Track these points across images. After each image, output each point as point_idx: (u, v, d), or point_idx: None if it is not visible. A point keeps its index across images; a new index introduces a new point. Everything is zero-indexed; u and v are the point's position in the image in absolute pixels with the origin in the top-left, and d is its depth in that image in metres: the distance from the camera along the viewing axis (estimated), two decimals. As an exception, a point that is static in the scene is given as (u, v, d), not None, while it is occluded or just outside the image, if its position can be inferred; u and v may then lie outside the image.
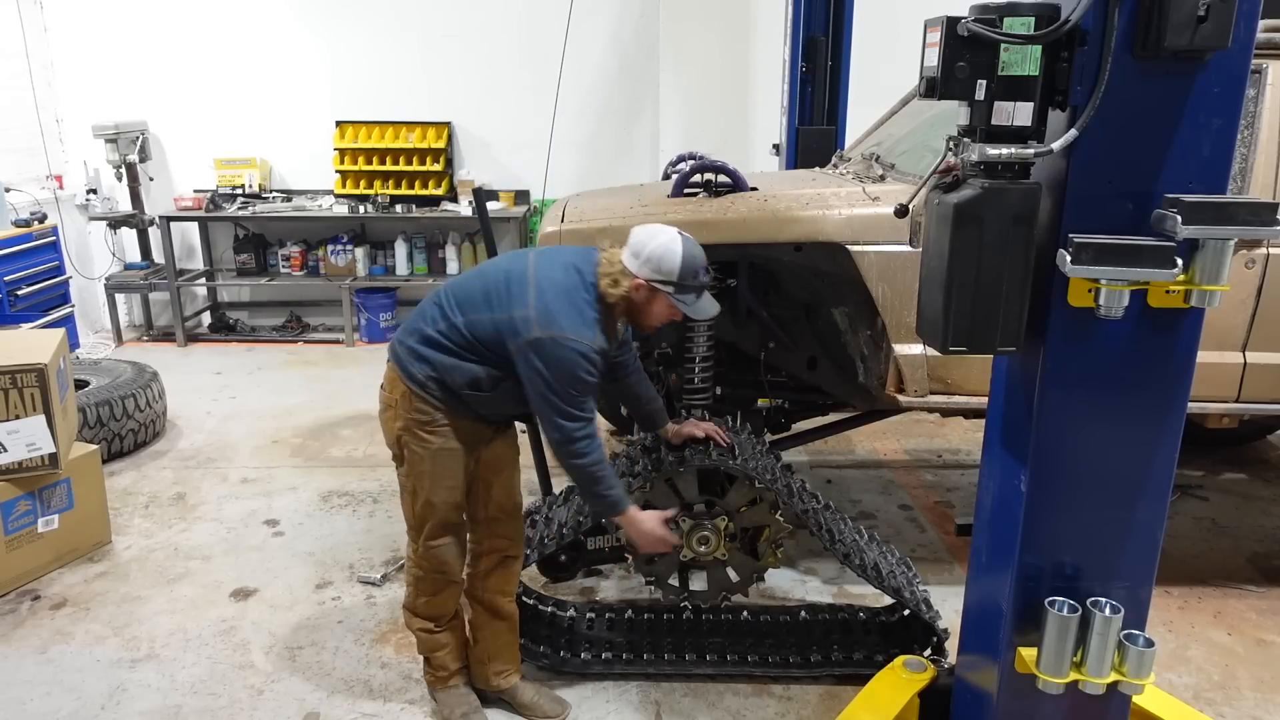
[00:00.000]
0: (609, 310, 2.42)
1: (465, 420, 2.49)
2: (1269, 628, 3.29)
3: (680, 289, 2.39)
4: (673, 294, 2.39)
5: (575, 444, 2.38)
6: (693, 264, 2.38)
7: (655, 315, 2.47)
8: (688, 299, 2.42)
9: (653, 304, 2.43)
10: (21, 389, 3.42)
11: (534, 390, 2.35)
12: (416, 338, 2.46)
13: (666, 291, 2.39)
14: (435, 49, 6.92)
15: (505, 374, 2.41)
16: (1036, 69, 1.75)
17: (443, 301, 2.47)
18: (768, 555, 2.98)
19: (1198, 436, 4.45)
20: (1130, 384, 1.91)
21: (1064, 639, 1.97)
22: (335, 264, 7.08)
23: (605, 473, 2.46)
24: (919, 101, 3.30)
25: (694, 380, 3.33)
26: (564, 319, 2.31)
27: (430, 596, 2.65)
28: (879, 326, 3.13)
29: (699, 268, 2.40)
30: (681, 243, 2.38)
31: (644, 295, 2.40)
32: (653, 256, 2.36)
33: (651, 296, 2.41)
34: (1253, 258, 2.97)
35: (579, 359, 2.30)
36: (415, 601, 2.68)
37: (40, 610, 3.36)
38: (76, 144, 6.91)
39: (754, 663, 2.95)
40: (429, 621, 2.69)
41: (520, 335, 2.32)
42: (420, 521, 2.56)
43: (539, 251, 2.53)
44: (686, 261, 2.36)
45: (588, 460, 2.41)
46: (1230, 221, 1.72)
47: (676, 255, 2.36)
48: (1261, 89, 2.94)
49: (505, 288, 2.38)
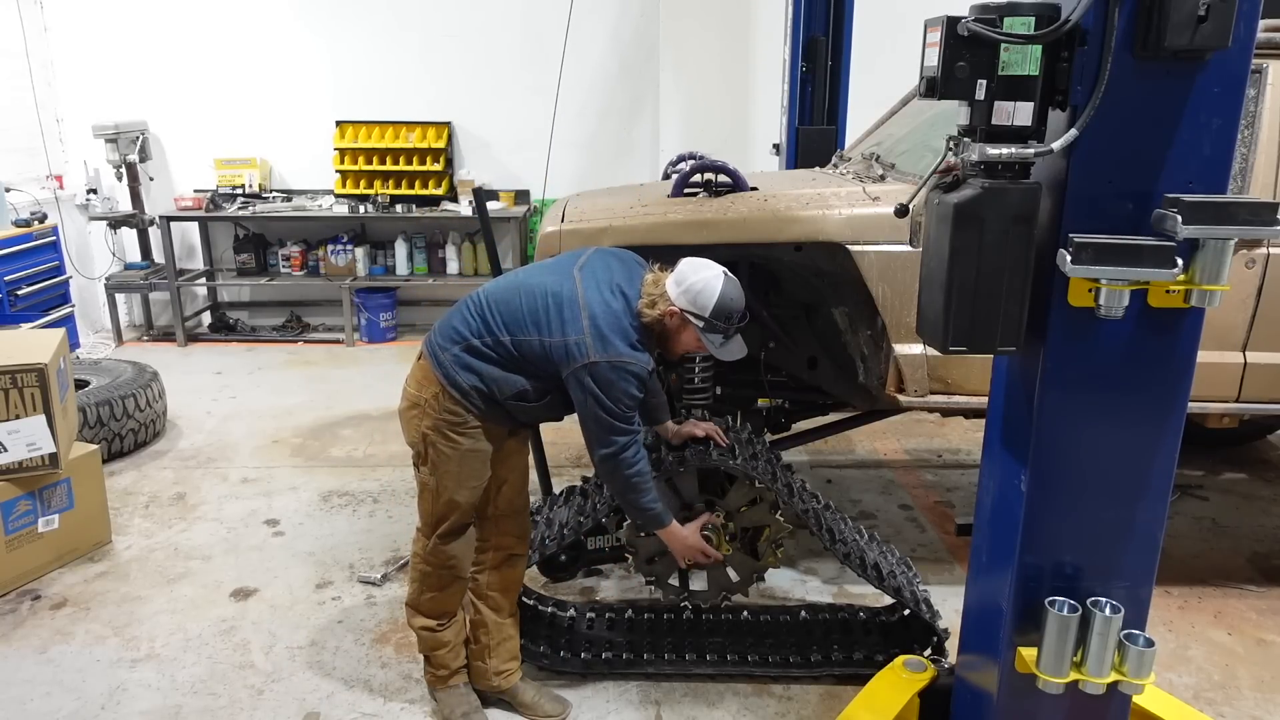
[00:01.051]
0: (647, 330, 2.48)
1: (496, 424, 2.53)
2: (1269, 627, 3.29)
3: (710, 326, 2.44)
4: (702, 329, 2.44)
5: (624, 453, 2.45)
6: (728, 306, 2.43)
7: (683, 344, 2.52)
8: (715, 338, 2.47)
9: (682, 333, 2.49)
10: (22, 389, 3.42)
11: (586, 410, 2.41)
12: (461, 346, 2.47)
13: (697, 326, 2.44)
14: (435, 49, 6.92)
15: (552, 388, 2.47)
16: (1036, 69, 1.74)
17: (487, 315, 2.47)
18: (768, 555, 2.98)
19: (1198, 436, 4.46)
20: (1130, 384, 1.91)
21: (1064, 639, 1.97)
22: (335, 264, 7.08)
23: (649, 485, 2.54)
24: (919, 101, 3.30)
25: (694, 380, 3.33)
26: (618, 343, 2.37)
27: (437, 593, 2.66)
28: (879, 326, 3.13)
29: (734, 311, 2.45)
30: (723, 283, 2.43)
31: (676, 323, 2.46)
32: (692, 288, 2.42)
33: (683, 326, 2.46)
34: (1253, 257, 2.97)
35: (631, 378, 2.38)
36: (420, 598, 2.68)
37: (40, 610, 3.36)
38: (76, 144, 6.91)
39: (754, 663, 2.95)
40: (432, 619, 2.69)
41: (575, 360, 2.37)
42: (438, 519, 2.58)
43: (584, 269, 2.51)
44: (723, 302, 2.42)
45: (634, 470, 2.47)
46: (1230, 221, 1.72)
47: (714, 294, 2.41)
48: (1261, 89, 2.94)
49: (556, 312, 2.41)
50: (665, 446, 2.90)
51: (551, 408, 2.53)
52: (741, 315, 2.48)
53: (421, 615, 2.70)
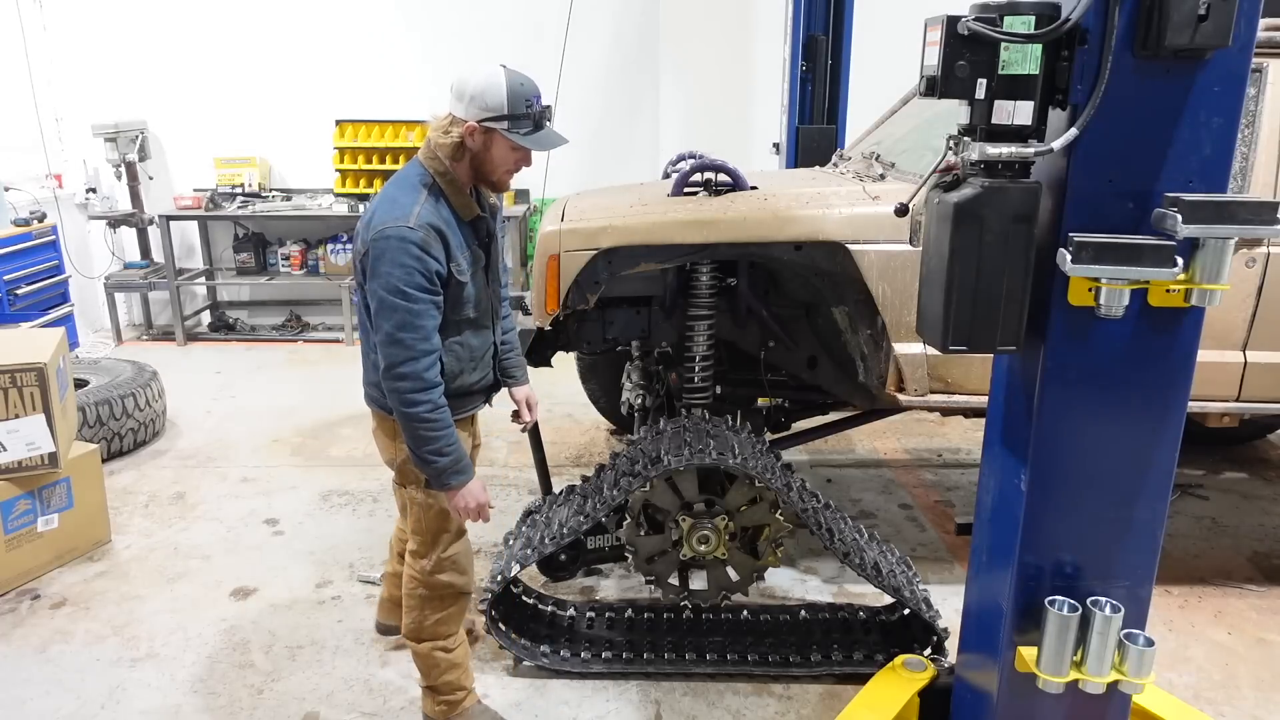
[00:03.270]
0: (446, 178, 2.28)
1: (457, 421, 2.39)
2: (1269, 627, 3.29)
3: (514, 121, 2.22)
4: (507, 130, 2.22)
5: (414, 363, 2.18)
6: (520, 91, 2.22)
7: (500, 162, 2.30)
8: (523, 130, 2.24)
9: (491, 149, 2.27)
10: (21, 388, 3.42)
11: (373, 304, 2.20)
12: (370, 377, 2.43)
13: (500, 129, 2.22)
14: (435, 48, 6.92)
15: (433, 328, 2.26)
16: (1037, 68, 1.74)
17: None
18: (768, 554, 2.98)
19: (1198, 435, 4.46)
20: (1130, 383, 1.90)
21: (1064, 638, 1.97)
22: (335, 263, 7.07)
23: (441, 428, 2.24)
24: (919, 100, 3.29)
25: (694, 379, 3.33)
26: (380, 216, 2.20)
27: (442, 613, 2.56)
28: (879, 325, 3.13)
29: (530, 95, 2.23)
30: (504, 73, 2.23)
31: (479, 141, 2.25)
32: (476, 93, 2.21)
33: (488, 140, 2.25)
34: (1253, 256, 2.97)
35: (398, 244, 2.14)
36: (423, 624, 2.56)
37: (40, 610, 3.36)
38: (76, 143, 6.91)
39: (754, 662, 2.95)
40: (443, 640, 2.59)
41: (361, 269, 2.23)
42: (436, 533, 2.49)
43: None
44: (513, 89, 2.21)
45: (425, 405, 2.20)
46: (1231, 220, 1.72)
47: (500, 85, 2.20)
48: (1262, 88, 2.94)
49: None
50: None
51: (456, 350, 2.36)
52: (538, 97, 2.25)
53: (427, 641, 2.58)
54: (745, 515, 2.94)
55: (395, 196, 2.24)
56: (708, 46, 6.71)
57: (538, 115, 2.26)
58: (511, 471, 4.58)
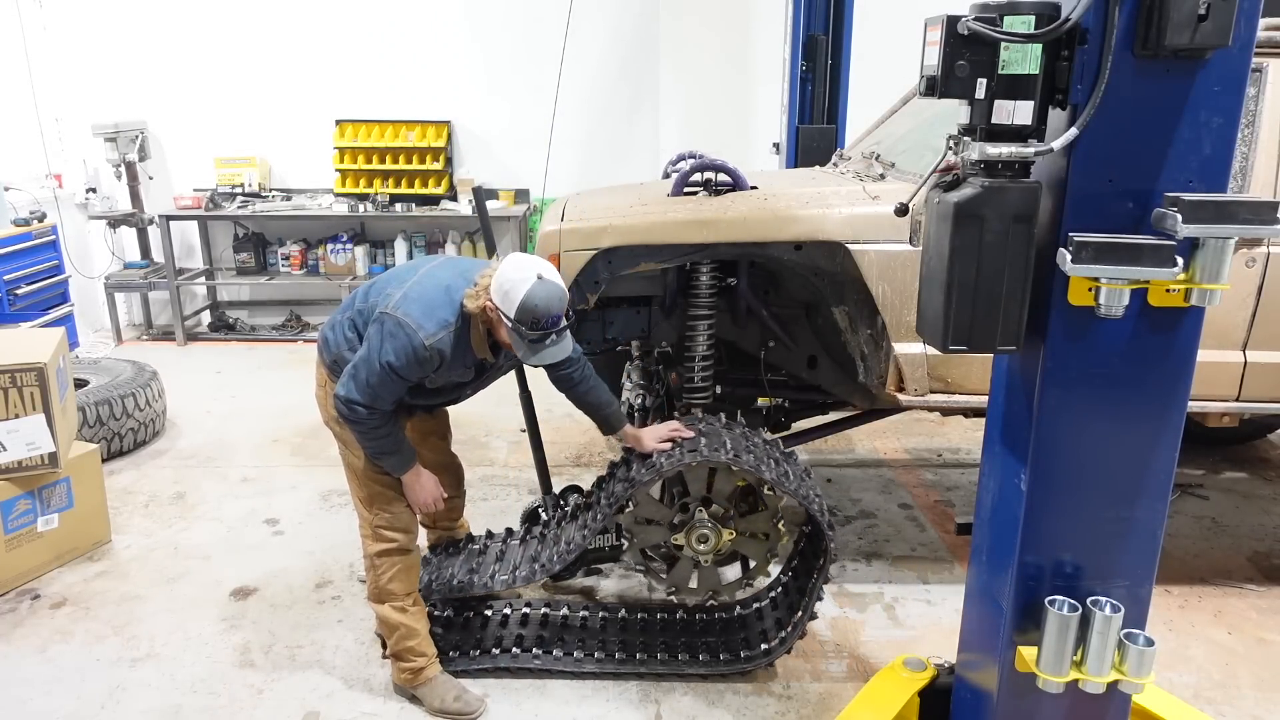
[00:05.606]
0: (470, 321, 2.51)
1: None
2: (1269, 626, 3.29)
3: (515, 328, 2.40)
4: (510, 329, 2.42)
5: (360, 417, 2.53)
6: (531, 312, 2.36)
7: (504, 339, 2.50)
8: (520, 340, 2.43)
9: (499, 328, 2.47)
10: (21, 388, 3.42)
11: (360, 354, 2.51)
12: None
13: (507, 325, 2.41)
14: (435, 48, 6.92)
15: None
16: (1037, 67, 1.74)
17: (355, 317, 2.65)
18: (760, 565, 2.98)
19: (1198, 435, 4.46)
20: (1130, 383, 1.90)
21: (1064, 638, 1.97)
22: (335, 263, 7.07)
23: (387, 440, 2.63)
24: (919, 100, 3.29)
25: (694, 379, 3.33)
26: (416, 310, 2.46)
27: (391, 570, 2.75)
28: (879, 325, 3.12)
29: (540, 318, 2.37)
30: (531, 286, 2.35)
31: (494, 317, 2.45)
32: (503, 286, 2.39)
33: (498, 321, 2.44)
34: (1253, 256, 2.97)
35: (406, 345, 2.42)
36: (380, 585, 2.76)
37: (40, 609, 3.36)
38: (76, 143, 6.90)
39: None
40: (402, 600, 2.76)
41: (379, 309, 2.51)
42: (369, 491, 2.75)
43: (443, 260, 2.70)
44: (525, 307, 2.36)
45: (367, 431, 2.59)
46: (1231, 220, 1.71)
47: (519, 295, 2.36)
48: (1262, 88, 2.94)
49: (394, 275, 2.64)
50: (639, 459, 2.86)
51: (435, 389, 2.69)
52: (552, 321, 2.39)
53: (386, 602, 2.77)
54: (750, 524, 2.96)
55: (435, 308, 2.48)
56: (708, 46, 6.71)
57: (544, 332, 2.42)
58: (511, 471, 4.58)
